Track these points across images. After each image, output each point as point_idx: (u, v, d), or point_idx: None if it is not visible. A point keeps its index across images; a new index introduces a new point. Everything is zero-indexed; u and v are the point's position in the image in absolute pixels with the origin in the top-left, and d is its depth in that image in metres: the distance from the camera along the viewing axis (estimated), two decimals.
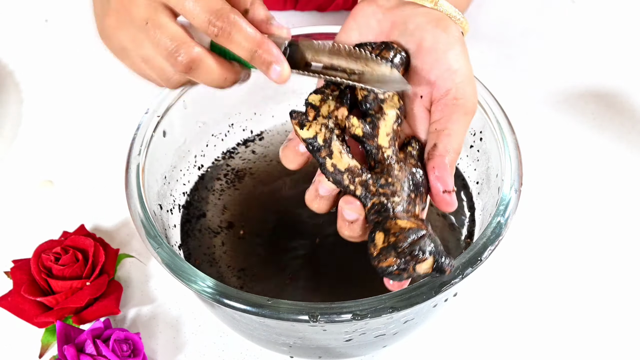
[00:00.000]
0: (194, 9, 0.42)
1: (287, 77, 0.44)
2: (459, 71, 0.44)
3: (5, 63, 0.78)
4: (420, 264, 0.40)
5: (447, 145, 0.43)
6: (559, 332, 0.57)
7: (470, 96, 0.44)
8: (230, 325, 0.52)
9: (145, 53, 0.44)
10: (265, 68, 0.44)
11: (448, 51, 0.44)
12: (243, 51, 0.43)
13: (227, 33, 0.42)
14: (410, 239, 0.40)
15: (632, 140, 0.69)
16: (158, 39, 0.43)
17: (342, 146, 0.43)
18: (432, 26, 0.45)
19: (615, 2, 0.82)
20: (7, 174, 0.69)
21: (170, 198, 0.57)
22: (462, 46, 0.45)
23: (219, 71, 0.45)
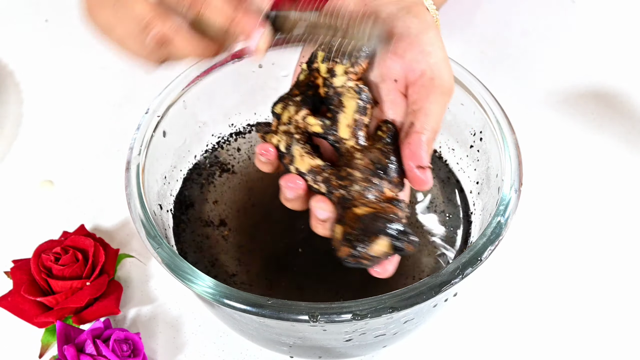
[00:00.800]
0: None
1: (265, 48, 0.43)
2: (432, 53, 0.44)
3: (5, 63, 0.78)
4: (372, 246, 0.40)
5: (424, 124, 0.43)
6: (559, 332, 0.57)
7: (447, 76, 0.44)
8: (230, 325, 0.52)
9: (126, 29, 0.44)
10: (241, 38, 0.42)
11: (420, 35, 0.44)
12: (217, 23, 0.42)
13: (199, 5, 0.41)
14: (362, 225, 0.41)
15: (632, 140, 0.69)
16: (132, 14, 0.43)
17: (303, 149, 0.44)
18: (403, 13, 0.45)
19: (615, 2, 0.82)
20: (7, 174, 0.69)
21: (170, 198, 0.57)
22: (435, 30, 0.45)
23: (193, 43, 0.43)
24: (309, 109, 0.45)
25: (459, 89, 0.55)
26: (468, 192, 0.59)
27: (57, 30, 0.81)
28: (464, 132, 0.58)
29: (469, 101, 0.55)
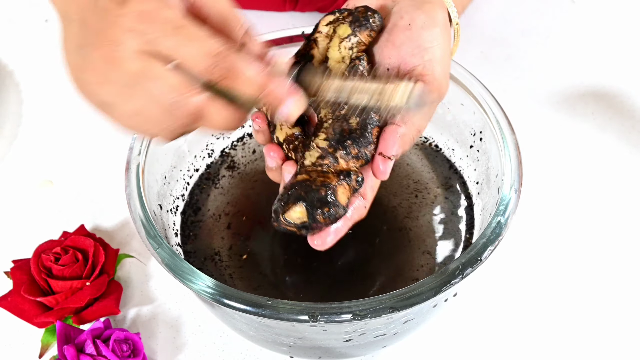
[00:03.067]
0: (193, 54, 0.38)
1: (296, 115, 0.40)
2: (429, 50, 0.44)
3: (5, 63, 0.78)
4: (289, 212, 0.41)
5: (405, 118, 0.43)
6: (559, 332, 0.57)
7: (439, 76, 0.44)
8: (230, 325, 0.52)
9: (137, 106, 0.39)
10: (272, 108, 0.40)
11: (422, 30, 0.44)
12: (249, 92, 0.39)
13: (231, 76, 0.38)
14: (290, 191, 0.42)
15: (632, 140, 0.69)
16: (156, 91, 0.38)
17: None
18: (413, 8, 0.45)
19: (615, 2, 0.82)
20: (7, 174, 0.69)
21: (170, 198, 0.57)
22: (441, 29, 0.45)
23: (226, 115, 0.40)
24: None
25: (459, 89, 0.55)
26: (468, 192, 0.59)
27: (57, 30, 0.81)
28: (464, 132, 0.58)
29: (469, 101, 0.55)
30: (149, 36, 0.37)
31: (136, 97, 0.39)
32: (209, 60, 0.38)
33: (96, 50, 0.38)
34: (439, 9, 0.46)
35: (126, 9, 0.38)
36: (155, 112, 0.39)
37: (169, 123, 0.40)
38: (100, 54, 0.38)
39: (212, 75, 0.38)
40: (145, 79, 0.38)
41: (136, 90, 0.38)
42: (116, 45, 0.38)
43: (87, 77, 0.40)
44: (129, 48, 0.37)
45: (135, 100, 0.39)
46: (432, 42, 0.44)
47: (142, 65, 0.38)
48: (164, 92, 0.38)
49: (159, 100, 0.38)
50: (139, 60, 0.38)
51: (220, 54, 0.38)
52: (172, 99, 0.38)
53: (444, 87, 0.44)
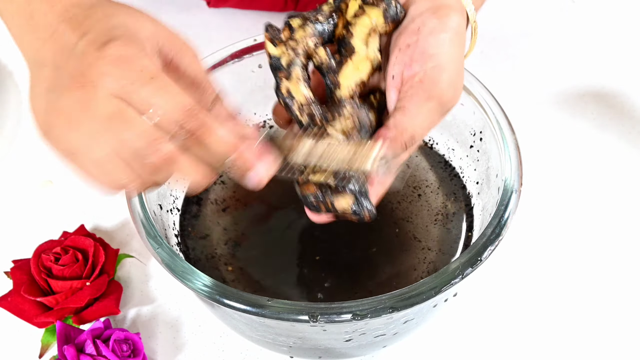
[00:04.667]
0: (166, 106, 0.37)
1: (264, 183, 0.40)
2: (434, 56, 0.43)
3: (5, 63, 0.78)
4: (338, 198, 0.42)
5: (397, 122, 0.43)
6: (559, 332, 0.57)
7: (442, 83, 0.43)
8: (230, 325, 0.52)
9: (103, 155, 0.38)
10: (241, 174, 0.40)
11: (430, 36, 0.43)
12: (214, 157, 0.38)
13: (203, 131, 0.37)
14: (337, 177, 0.42)
15: (632, 140, 0.69)
16: (127, 136, 0.37)
17: (302, 74, 0.44)
18: (428, 12, 0.44)
19: (615, 2, 0.82)
20: (7, 174, 0.69)
21: (170, 198, 0.57)
22: (452, 35, 0.44)
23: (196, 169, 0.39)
24: (323, 40, 0.45)
25: None
26: (468, 192, 0.59)
27: None
28: (464, 132, 0.58)
29: (469, 101, 0.55)
30: (124, 82, 0.37)
31: (106, 142, 0.37)
32: (182, 114, 0.37)
33: (69, 93, 0.37)
34: (454, 13, 0.44)
35: (104, 52, 0.37)
36: (124, 159, 0.38)
37: (139, 172, 0.38)
38: (73, 97, 0.37)
39: (183, 130, 0.37)
40: (117, 123, 0.37)
41: (107, 134, 0.37)
42: (91, 87, 0.37)
43: (55, 122, 0.38)
44: (104, 90, 0.37)
45: (104, 146, 0.37)
46: (438, 48, 0.43)
47: (115, 108, 0.37)
48: (136, 137, 0.37)
49: (130, 146, 0.37)
50: (113, 104, 0.37)
51: (193, 109, 0.37)
52: (143, 145, 0.37)
53: (449, 95, 0.43)
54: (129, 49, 0.37)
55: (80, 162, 0.39)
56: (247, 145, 0.39)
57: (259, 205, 0.59)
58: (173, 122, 0.37)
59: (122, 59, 0.37)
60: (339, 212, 0.42)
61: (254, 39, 0.57)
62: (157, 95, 0.37)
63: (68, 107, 0.37)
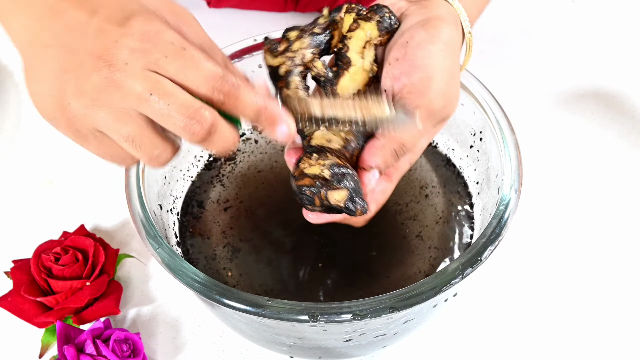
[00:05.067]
0: (196, 78, 0.38)
1: (293, 134, 0.42)
2: (422, 68, 0.43)
3: (5, 64, 0.78)
4: (332, 191, 0.42)
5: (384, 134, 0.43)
6: (559, 332, 0.57)
7: (430, 93, 0.43)
8: (230, 325, 0.52)
9: (131, 131, 0.38)
10: (270, 129, 0.41)
11: (418, 48, 0.44)
12: (249, 115, 0.40)
13: (233, 99, 0.39)
14: (333, 172, 0.43)
15: (632, 140, 0.70)
16: (168, 108, 0.37)
17: (300, 83, 0.45)
18: (417, 24, 0.45)
19: (615, 2, 0.82)
20: (7, 174, 0.69)
21: (170, 198, 0.57)
22: (441, 46, 0.44)
23: (231, 133, 0.40)
24: (320, 51, 0.46)
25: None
26: (468, 192, 0.59)
27: None
28: (464, 132, 0.58)
29: (469, 101, 0.55)
30: (157, 55, 0.37)
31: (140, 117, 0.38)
32: (211, 83, 0.38)
33: (95, 72, 0.37)
34: (445, 25, 0.45)
35: (129, 29, 0.37)
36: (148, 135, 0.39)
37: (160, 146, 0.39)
38: (100, 76, 0.37)
39: (214, 97, 0.38)
40: (158, 96, 0.37)
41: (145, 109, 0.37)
42: (121, 65, 0.37)
43: (74, 103, 0.38)
44: (137, 66, 0.37)
45: (139, 120, 0.38)
46: (425, 60, 0.43)
47: (151, 83, 0.37)
48: (178, 108, 0.37)
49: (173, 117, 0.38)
50: (147, 79, 0.37)
51: (222, 77, 0.38)
52: (187, 115, 0.38)
53: (439, 104, 0.43)
54: (153, 23, 0.38)
55: (98, 142, 0.40)
56: (272, 106, 0.40)
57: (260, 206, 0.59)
58: (204, 91, 0.38)
59: (150, 33, 0.37)
60: (332, 205, 0.43)
61: (254, 39, 0.57)
62: (186, 67, 0.38)
63: (94, 86, 0.37)
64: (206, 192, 0.60)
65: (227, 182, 0.61)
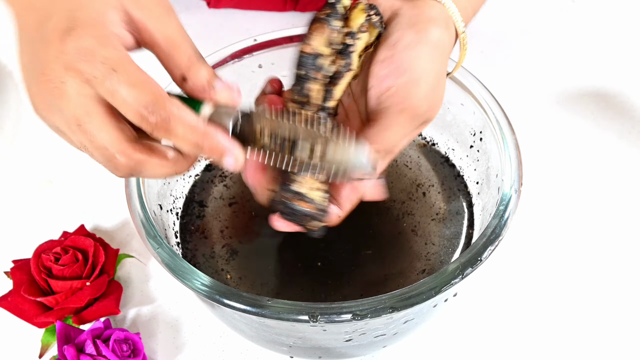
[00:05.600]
0: (124, 103, 0.36)
1: (242, 164, 0.40)
2: (408, 70, 0.42)
3: (5, 63, 0.78)
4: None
5: (369, 136, 0.42)
6: (559, 332, 0.57)
7: (415, 96, 0.42)
8: (230, 325, 0.52)
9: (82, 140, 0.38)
10: (216, 159, 0.39)
11: (405, 51, 0.43)
12: (187, 146, 0.38)
13: (163, 130, 0.37)
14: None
15: (632, 140, 0.69)
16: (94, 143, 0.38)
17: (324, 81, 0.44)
18: (406, 25, 0.44)
19: (615, 2, 0.82)
20: (7, 174, 0.69)
21: (170, 198, 0.57)
22: (429, 48, 0.43)
23: (165, 169, 0.39)
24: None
25: (459, 89, 0.55)
26: (468, 192, 0.59)
27: None
28: (464, 132, 0.58)
29: (469, 101, 0.55)
30: (86, 76, 0.36)
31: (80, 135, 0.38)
32: (139, 112, 0.37)
33: (40, 84, 0.38)
34: (434, 27, 0.44)
35: (67, 45, 0.37)
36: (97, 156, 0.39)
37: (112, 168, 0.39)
38: (45, 86, 0.37)
39: (143, 126, 0.37)
40: (82, 130, 0.37)
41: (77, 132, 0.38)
42: (57, 83, 0.37)
43: (36, 101, 0.39)
44: (71, 88, 0.37)
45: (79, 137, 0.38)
46: (412, 62, 0.43)
47: (81, 110, 0.37)
48: (101, 147, 0.38)
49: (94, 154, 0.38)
50: (80, 104, 0.37)
51: (153, 103, 0.37)
52: (104, 156, 0.38)
53: (423, 107, 0.43)
54: (89, 39, 0.37)
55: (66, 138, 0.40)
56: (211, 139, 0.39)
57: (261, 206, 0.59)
58: (137, 116, 0.37)
59: (83, 51, 0.37)
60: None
61: (254, 39, 0.57)
62: (119, 90, 0.36)
63: (44, 92, 0.38)
64: (206, 192, 0.60)
65: (229, 182, 0.61)
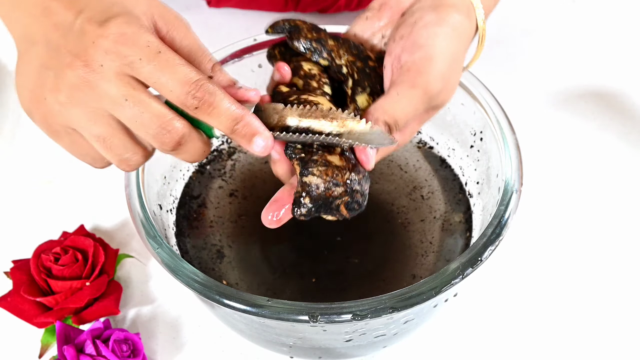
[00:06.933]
0: (169, 81, 0.37)
1: (270, 147, 0.40)
2: (424, 47, 0.43)
3: (5, 63, 0.78)
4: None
5: (378, 104, 0.42)
6: (559, 332, 0.57)
7: (428, 73, 0.42)
8: (230, 325, 0.52)
9: (110, 130, 0.39)
10: (246, 141, 0.40)
11: (423, 28, 0.43)
12: (223, 125, 0.39)
13: (207, 106, 0.38)
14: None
15: (632, 141, 0.69)
16: (141, 117, 0.38)
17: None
18: (429, 8, 0.44)
19: (615, 2, 0.82)
20: (7, 174, 0.69)
21: (170, 198, 0.57)
22: (448, 29, 0.43)
23: (203, 146, 0.41)
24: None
25: (459, 88, 0.55)
26: (468, 191, 0.59)
27: None
28: (464, 132, 0.58)
29: (469, 101, 0.55)
30: (129, 59, 0.37)
31: (112, 120, 0.38)
32: (185, 88, 0.37)
33: (71, 71, 0.38)
34: (455, 11, 0.44)
35: (106, 30, 0.37)
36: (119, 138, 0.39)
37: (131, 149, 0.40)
38: (76, 75, 0.38)
39: (187, 103, 0.38)
40: (132, 103, 0.37)
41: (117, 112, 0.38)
42: (96, 66, 0.37)
43: (50, 98, 0.39)
44: (109, 70, 0.37)
45: (111, 122, 0.38)
46: (429, 40, 0.43)
47: (126, 88, 0.37)
48: (156, 113, 0.38)
49: (142, 125, 0.38)
50: (122, 83, 0.37)
51: (198, 82, 0.38)
52: (156, 125, 0.38)
53: (436, 86, 0.42)
54: (131, 26, 0.38)
55: (69, 139, 0.40)
56: (250, 117, 0.39)
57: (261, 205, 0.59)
58: (183, 93, 0.38)
59: (124, 36, 0.37)
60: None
61: (254, 39, 0.57)
62: (164, 70, 0.37)
63: (70, 84, 0.38)
64: (207, 192, 0.60)
65: (230, 181, 0.61)
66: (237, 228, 0.58)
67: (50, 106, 0.39)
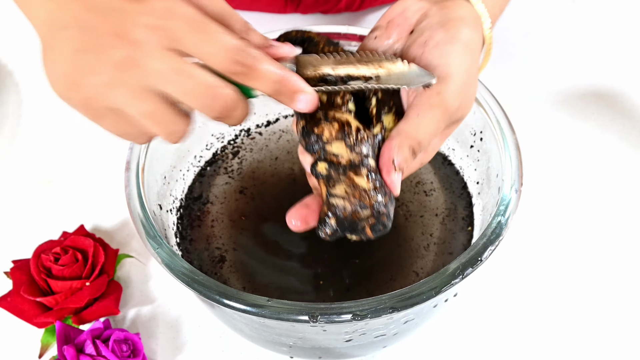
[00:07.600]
0: (213, 50, 0.38)
1: (314, 104, 0.41)
2: (438, 67, 0.42)
3: (5, 63, 0.78)
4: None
5: (400, 128, 0.42)
6: (559, 332, 0.57)
7: (445, 93, 0.42)
8: (230, 325, 0.52)
9: (150, 108, 0.39)
10: (289, 100, 0.40)
11: (435, 48, 0.43)
12: (267, 87, 0.39)
13: (252, 71, 0.38)
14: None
15: (632, 141, 0.69)
16: (192, 89, 0.38)
17: None
18: (437, 25, 0.44)
19: (615, 2, 0.82)
20: (7, 174, 0.69)
21: (170, 198, 0.57)
22: (460, 46, 0.43)
23: (247, 109, 0.41)
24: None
25: None
26: (468, 192, 0.59)
27: None
28: (464, 132, 0.58)
29: None
30: (173, 32, 0.37)
31: (159, 95, 0.38)
32: (231, 56, 0.38)
33: (114, 51, 0.38)
34: (464, 26, 0.44)
35: (145, 6, 0.38)
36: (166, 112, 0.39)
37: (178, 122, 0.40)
38: (119, 54, 0.38)
39: (233, 69, 0.38)
40: (183, 76, 0.38)
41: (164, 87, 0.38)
42: (140, 43, 0.37)
43: (98, 80, 0.38)
44: (155, 45, 0.37)
45: (157, 98, 0.38)
46: (442, 59, 0.43)
47: (172, 63, 0.38)
48: (207, 80, 0.38)
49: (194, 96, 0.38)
50: (167, 59, 0.38)
51: (241, 49, 0.38)
52: (206, 94, 0.38)
53: (454, 104, 0.42)
54: (168, 1, 0.38)
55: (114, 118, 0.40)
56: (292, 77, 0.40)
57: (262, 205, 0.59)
58: (229, 61, 0.38)
59: (164, 10, 0.38)
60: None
61: None
62: (207, 39, 0.38)
63: (113, 64, 0.38)
64: (207, 192, 0.60)
65: (231, 181, 0.61)
66: (238, 228, 0.58)
67: (93, 89, 0.39)
